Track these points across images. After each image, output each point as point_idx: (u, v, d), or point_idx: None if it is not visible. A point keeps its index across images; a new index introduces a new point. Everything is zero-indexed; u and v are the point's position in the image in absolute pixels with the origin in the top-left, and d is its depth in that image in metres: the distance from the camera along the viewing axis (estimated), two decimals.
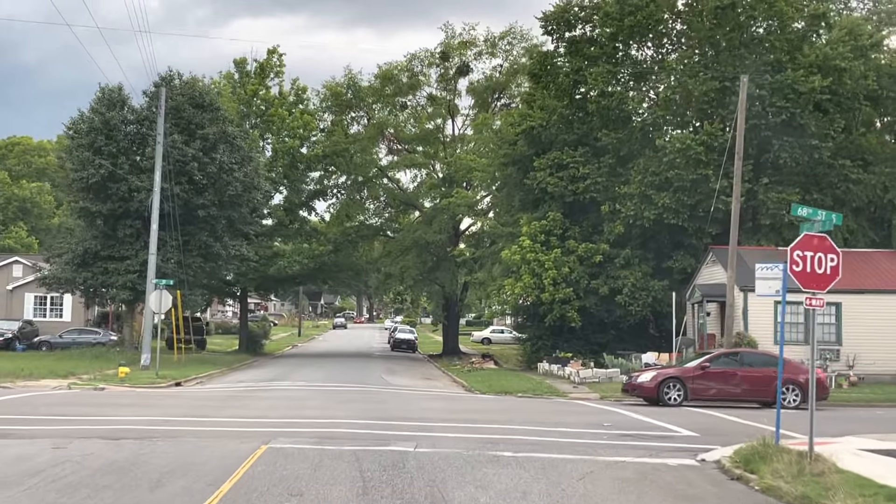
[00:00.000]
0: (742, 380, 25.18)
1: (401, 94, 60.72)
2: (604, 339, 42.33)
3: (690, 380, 25.13)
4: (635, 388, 25.92)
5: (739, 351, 26.11)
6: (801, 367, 25.62)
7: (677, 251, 41.14)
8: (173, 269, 42.40)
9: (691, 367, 25.43)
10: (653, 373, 25.92)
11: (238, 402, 23.47)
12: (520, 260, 41.40)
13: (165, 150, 41.57)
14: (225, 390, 29.12)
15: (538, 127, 43.24)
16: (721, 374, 25.24)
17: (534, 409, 23.79)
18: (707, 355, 26.03)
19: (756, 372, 25.12)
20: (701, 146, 38.07)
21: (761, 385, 24.74)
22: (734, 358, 25.85)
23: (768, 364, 24.99)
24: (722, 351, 26.15)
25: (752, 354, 26.29)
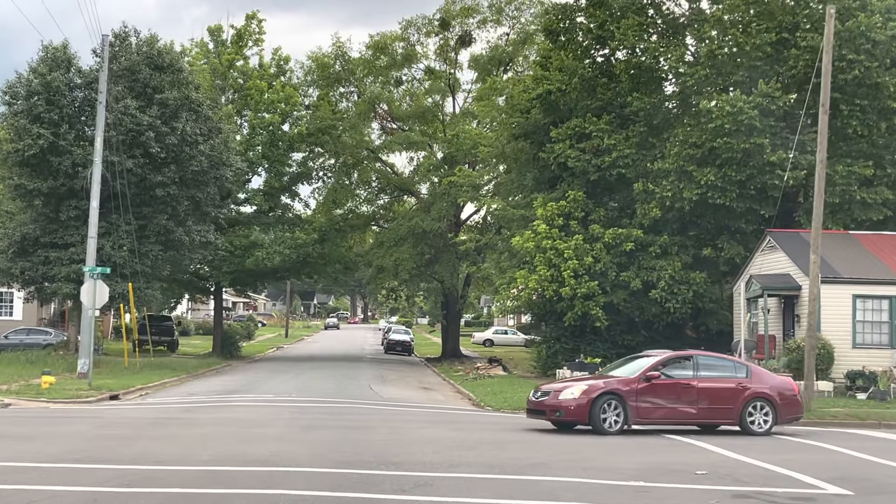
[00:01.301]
0: (700, 394, 18.20)
1: (395, 66, 54.19)
2: (633, 341, 35.82)
3: (633, 395, 17.70)
4: (554, 409, 17.79)
5: (692, 354, 19.41)
6: (772, 378, 19.45)
7: (722, 237, 34.70)
8: (126, 258, 35.87)
9: (633, 377, 18.04)
10: (580, 385, 17.94)
11: (164, 428, 16.95)
12: (534, 248, 34.92)
13: (116, 118, 35.12)
14: (164, 407, 22.61)
15: (556, 91, 36.73)
16: (672, 388, 18.03)
17: (569, 436, 17.29)
18: (655, 359, 18.63)
19: (716, 384, 18.41)
20: (755, 110, 31.60)
21: (723, 401, 18.34)
22: (686, 363, 18.75)
23: (731, 372, 19.01)
24: (671, 355, 19.04)
25: (709, 359, 19.34)
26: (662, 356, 18.89)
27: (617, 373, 18.89)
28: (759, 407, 18.45)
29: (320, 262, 52.54)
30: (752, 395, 18.33)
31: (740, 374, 18.80)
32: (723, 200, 32.69)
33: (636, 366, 18.75)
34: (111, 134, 34.58)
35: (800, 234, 31.05)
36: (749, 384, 18.44)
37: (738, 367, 19.13)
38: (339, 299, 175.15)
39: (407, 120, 53.95)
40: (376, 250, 51.73)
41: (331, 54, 52.71)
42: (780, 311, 30.14)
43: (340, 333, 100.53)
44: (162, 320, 53.49)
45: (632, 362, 19.44)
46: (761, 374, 19.25)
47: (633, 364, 19.11)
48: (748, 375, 18.74)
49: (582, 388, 17.62)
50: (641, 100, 35.53)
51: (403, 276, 49.70)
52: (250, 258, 47.68)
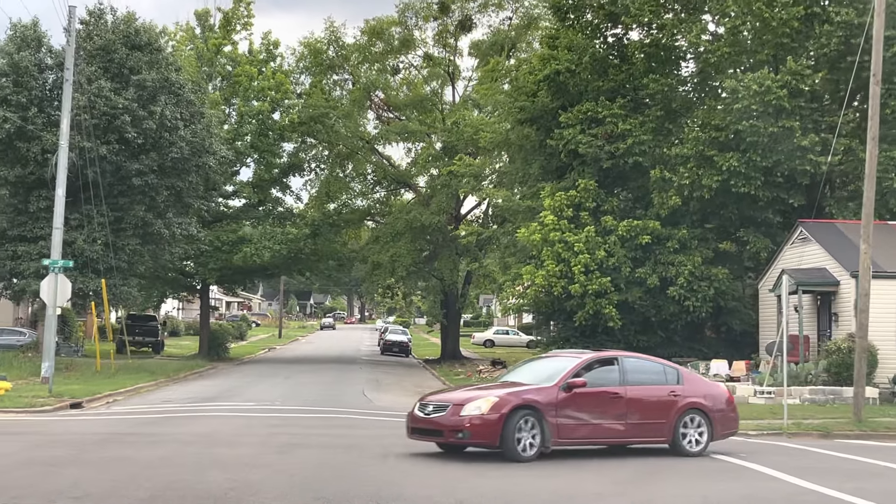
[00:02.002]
0: (629, 407, 14.48)
1: (392, 53, 51.44)
2: (649, 342, 32.99)
3: (552, 409, 13.71)
4: (455, 428, 13.45)
5: (617, 355, 15.39)
6: (705, 384, 16.04)
7: (747, 229, 31.96)
8: (100, 252, 33.12)
9: (550, 385, 14.00)
10: (487, 397, 13.70)
11: (111, 448, 14.18)
12: (541, 241, 32.15)
13: (89, 101, 32.37)
14: (127, 419, 19.87)
15: (565, 72, 33.95)
16: (597, 399, 14.23)
17: (601, 460, 14.55)
18: (575, 361, 14.69)
19: (647, 393, 14.78)
20: (783, 89, 28.89)
21: (655, 415, 14.72)
22: (611, 367, 14.85)
23: (661, 377, 15.25)
24: (593, 357, 15.04)
25: (635, 362, 15.45)
26: (584, 358, 14.86)
27: (523, 379, 14.72)
28: (693, 421, 14.93)
29: (313, 258, 49.74)
30: (685, 407, 14.85)
31: (671, 379, 15.24)
32: (747, 188, 30.01)
33: (548, 370, 14.67)
34: (83, 117, 31.85)
35: (835, 224, 28.41)
36: (681, 392, 15.00)
37: (669, 372, 15.47)
38: (336, 299, 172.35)
39: (404, 109, 51.17)
40: (372, 246, 48.92)
41: (324, 39, 49.96)
42: (815, 310, 27.45)
43: (336, 334, 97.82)
44: (146, 320, 50.84)
45: (536, 364, 15.71)
46: (693, 380, 15.77)
47: (543, 368, 15.05)
48: (679, 381, 15.24)
49: (491, 401, 13.45)
50: (658, 81, 32.82)
51: (400, 273, 46.91)
52: (238, 254, 44.87)
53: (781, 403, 22.50)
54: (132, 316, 51.35)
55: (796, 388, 23.81)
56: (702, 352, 32.75)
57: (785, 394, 20.68)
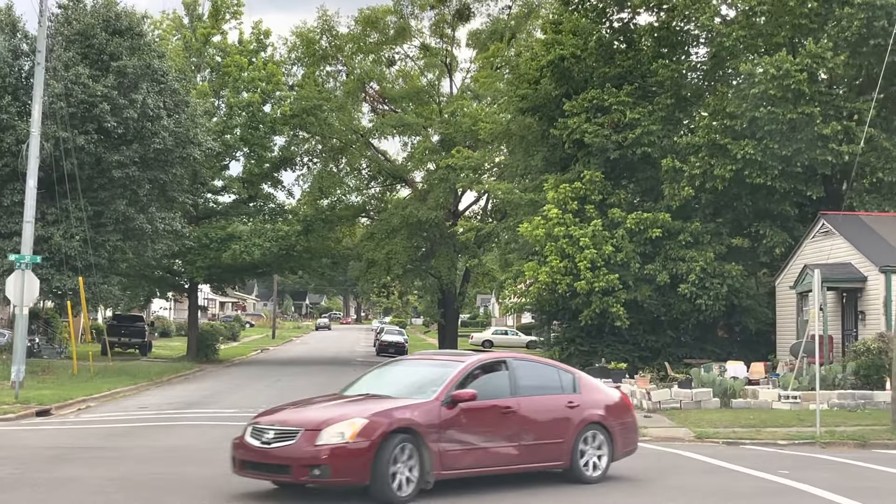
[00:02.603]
0: (523, 424, 11.46)
1: (387, 43, 49.70)
2: (658, 342, 31.38)
3: (434, 432, 10.59)
4: (309, 462, 9.98)
5: (506, 358, 12.29)
6: (603, 391, 13.00)
7: (762, 222, 30.22)
8: (78, 248, 31.29)
9: (428, 400, 10.85)
10: (353, 417, 10.29)
11: (61, 467, 12.38)
12: (544, 236, 30.40)
13: (66, 88, 30.55)
14: (93, 428, 18.06)
15: (570, 57, 32.18)
16: (487, 415, 11.18)
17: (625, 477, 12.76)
18: (458, 367, 11.44)
19: (543, 405, 11.83)
20: (803, 73, 27.14)
21: (552, 433, 11.73)
22: (500, 374, 11.84)
23: (556, 384, 12.30)
24: (478, 360, 11.86)
25: (526, 366, 12.38)
26: (468, 362, 11.63)
27: (384, 390, 11.36)
28: (593, 438, 12.08)
29: (305, 256, 47.93)
30: (585, 421, 12.01)
31: (567, 386, 12.36)
32: (762, 179, 28.27)
33: (418, 378, 11.52)
34: (59, 105, 30.04)
35: (860, 216, 26.69)
36: (579, 402, 12.13)
37: (564, 377, 12.55)
38: (332, 299, 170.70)
39: (400, 101, 49.40)
40: (366, 243, 47.08)
41: (316, 29, 48.19)
42: (839, 308, 25.68)
43: (332, 334, 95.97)
44: (133, 321, 48.99)
45: (398, 370, 12.41)
46: (590, 387, 12.72)
47: (409, 375, 11.90)
48: (576, 389, 12.38)
49: (358, 424, 10.06)
50: (667, 67, 31.10)
51: (396, 271, 45.10)
52: (227, 252, 43.04)
53: (809, 409, 20.79)
54: (118, 316, 49.60)
55: (824, 392, 22.03)
56: (714, 353, 31.01)
57: (818, 399, 18.93)
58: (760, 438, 18.00)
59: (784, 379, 23.06)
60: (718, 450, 16.62)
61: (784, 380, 22.92)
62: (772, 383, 24.01)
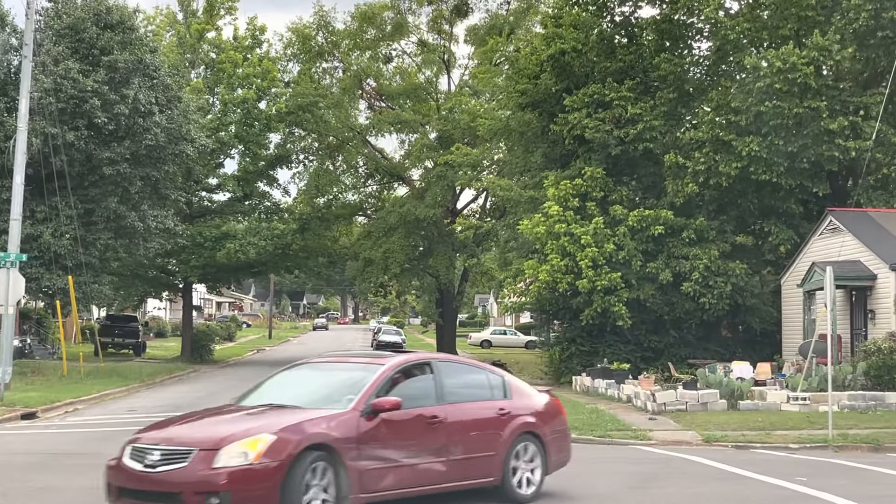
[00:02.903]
0: (451, 436, 10.02)
1: (384, 39, 49.00)
2: (661, 342, 30.71)
3: (352, 447, 9.07)
4: (206, 488, 8.35)
5: (430, 360, 10.79)
6: (534, 395, 11.38)
7: (767, 220, 29.59)
8: (68, 247, 30.60)
9: (344, 411, 9.30)
10: (259, 433, 8.68)
11: (38, 475, 11.75)
12: (545, 233, 29.74)
13: (55, 83, 29.85)
14: (78, 433, 17.45)
15: (570, 51, 31.51)
16: (410, 427, 9.77)
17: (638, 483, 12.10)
18: (378, 370, 9.89)
19: (472, 413, 10.38)
20: (809, 66, 26.50)
21: (483, 445, 10.24)
22: (424, 377, 10.39)
23: (485, 390, 10.88)
24: (400, 361, 10.26)
25: (452, 368, 10.99)
26: (389, 364, 10.01)
27: (289, 398, 9.79)
28: (525, 451, 10.59)
29: (301, 254, 47.26)
30: (518, 431, 10.52)
31: (497, 391, 10.93)
32: (768, 176, 27.62)
33: (330, 384, 10.02)
34: (48, 101, 29.37)
35: (868, 213, 26.08)
36: (511, 409, 10.66)
37: (493, 380, 11.09)
38: (330, 299, 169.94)
39: (397, 98, 48.70)
40: (363, 241, 46.38)
41: (312, 25, 47.48)
42: (848, 306, 25.04)
43: (329, 334, 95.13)
44: (127, 321, 48.31)
45: (305, 374, 10.63)
46: (520, 391, 11.25)
47: (318, 381, 10.33)
48: (507, 394, 10.94)
49: (264, 441, 8.52)
50: (670, 62, 30.46)
51: (394, 270, 44.39)
52: (221, 250, 42.36)
53: (819, 410, 20.18)
54: (111, 316, 48.98)
55: (834, 393, 21.40)
56: (718, 353, 30.37)
57: (830, 401, 18.30)
58: (771, 442, 17.38)
59: (793, 380, 22.42)
60: (728, 454, 15.98)
61: (793, 381, 22.28)
62: (779, 384, 23.36)
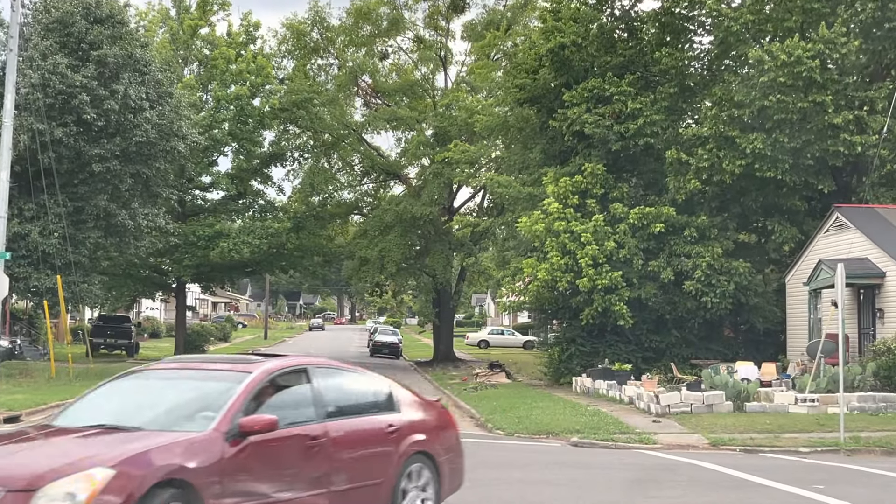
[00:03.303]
0: (332, 461, 8.02)
1: (380, 35, 48.34)
2: (662, 342, 30.14)
3: (215, 480, 6.98)
4: None
5: (306, 366, 8.59)
6: (425, 407, 9.58)
7: (770, 217, 28.99)
8: (57, 246, 29.92)
9: (205, 432, 7.18)
10: (95, 466, 6.38)
11: None
12: (544, 231, 29.11)
13: (43, 78, 29.17)
14: None
15: (570, 45, 30.90)
16: (286, 451, 7.67)
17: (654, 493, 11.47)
18: (247, 381, 7.74)
19: (357, 432, 8.49)
20: (814, 59, 25.89)
21: (369, 472, 8.38)
22: (300, 387, 8.35)
23: (371, 401, 9.04)
24: (270, 368, 8.05)
25: (332, 374, 8.81)
26: (257, 373, 7.95)
27: (125, 417, 7.67)
28: (418, 475, 8.86)
29: (296, 254, 46.55)
30: (409, 451, 8.78)
31: (384, 403, 9.08)
32: (773, 173, 26.97)
33: (184, 398, 7.95)
34: (36, 96, 28.71)
35: (875, 209, 25.48)
36: (401, 425, 8.87)
37: (379, 389, 9.19)
38: (326, 299, 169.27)
39: (393, 95, 48.05)
40: (359, 240, 45.71)
41: (307, 20, 46.80)
42: (855, 305, 24.43)
43: (325, 335, 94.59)
44: (119, 321, 47.61)
45: (143, 384, 8.52)
46: (409, 401, 9.38)
47: (164, 392, 8.19)
48: (395, 406, 9.08)
49: (102, 477, 6.34)
50: (672, 56, 29.87)
51: (390, 269, 43.72)
52: (215, 250, 41.67)
53: (828, 412, 19.62)
54: (103, 317, 48.31)
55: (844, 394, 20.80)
56: (721, 353, 29.80)
57: (841, 402, 17.70)
58: (780, 445, 16.78)
59: (800, 381, 21.82)
60: (738, 459, 15.36)
61: (800, 381, 21.68)
62: (785, 385, 22.79)
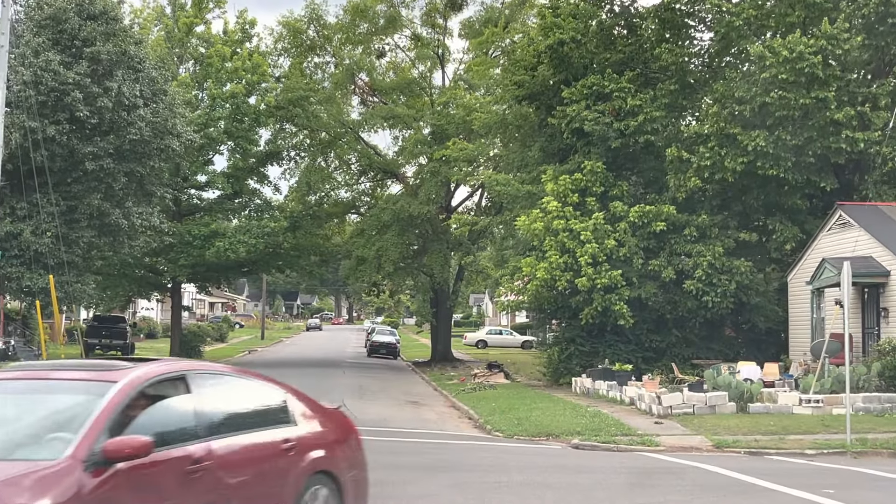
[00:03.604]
0: (219, 490, 6.41)
1: (377, 33, 47.97)
2: (663, 342, 29.80)
3: None
4: None
5: (184, 371, 6.84)
6: (325, 417, 8.05)
7: (772, 216, 28.66)
8: (49, 245, 29.54)
9: (54, 462, 5.40)
10: None
11: None
12: (543, 229, 28.76)
13: (35, 75, 28.77)
14: None
15: (569, 42, 30.54)
16: (163, 479, 5.96)
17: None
18: (111, 393, 5.99)
19: (247, 449, 6.86)
20: (817, 55, 25.55)
21: (262, 499, 6.80)
22: (178, 399, 6.60)
23: (263, 414, 7.48)
24: (141, 376, 6.33)
25: (219, 384, 7.17)
26: (124, 382, 6.18)
27: None
28: (314, 498, 7.37)
29: (293, 253, 46.21)
30: (307, 472, 7.38)
31: (279, 415, 7.63)
32: (775, 171, 26.63)
33: (28, 414, 6.22)
34: (28, 94, 28.29)
35: (879, 207, 25.13)
36: (299, 441, 7.45)
37: (272, 398, 7.74)
38: (324, 300, 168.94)
39: (391, 93, 47.68)
40: (356, 239, 45.34)
41: (304, 18, 46.40)
42: (859, 304, 24.08)
43: (322, 335, 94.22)
44: (114, 322, 47.14)
45: None
46: (307, 412, 7.90)
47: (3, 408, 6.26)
48: (292, 419, 7.66)
49: None
50: (672, 52, 29.52)
51: (387, 269, 43.34)
52: (211, 249, 41.31)
53: (833, 413, 19.27)
54: (98, 317, 47.85)
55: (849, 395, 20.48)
56: (722, 352, 29.48)
57: (847, 403, 17.33)
58: (786, 448, 16.42)
59: (803, 381, 21.48)
60: (743, 462, 15.01)
61: (804, 382, 21.34)
62: (788, 385, 22.45)
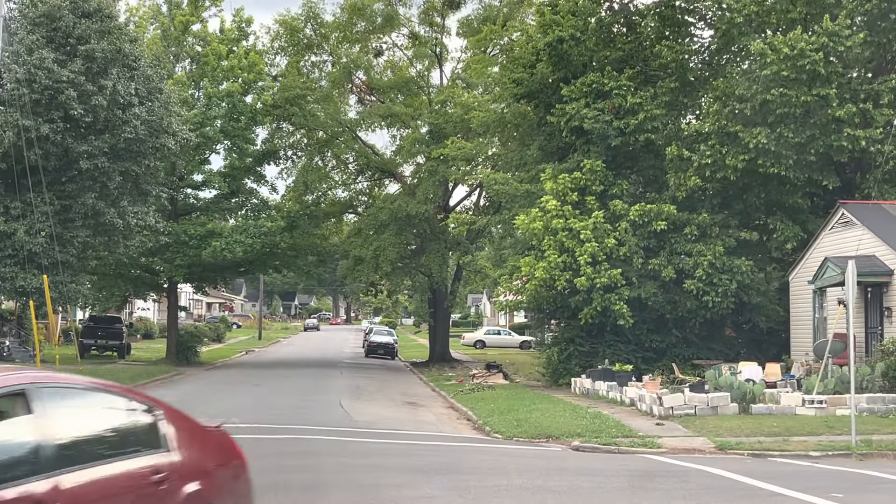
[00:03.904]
0: None
1: (374, 32, 47.64)
2: (663, 342, 29.53)
3: None
4: None
5: (24, 386, 4.96)
6: (208, 438, 6.89)
7: (773, 215, 28.42)
8: (44, 244, 29.22)
9: None
10: None
11: None
12: (542, 229, 28.49)
13: (29, 73, 28.48)
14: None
15: (569, 39, 30.25)
16: None
17: None
18: None
19: (104, 488, 5.28)
20: (819, 52, 25.28)
21: None
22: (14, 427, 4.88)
23: (123, 437, 5.88)
24: None
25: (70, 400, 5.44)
26: None
27: None
28: None
29: (290, 253, 45.88)
30: (166, 497, 5.84)
31: (145, 436, 6.05)
32: (776, 169, 26.37)
33: None
34: (21, 92, 28.00)
35: (882, 206, 24.88)
36: (171, 471, 5.95)
37: (137, 417, 6.05)
38: (321, 300, 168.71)
39: (388, 92, 47.36)
40: (353, 239, 45.03)
41: (300, 16, 46.09)
42: (862, 304, 23.80)
43: (320, 335, 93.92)
44: (110, 322, 46.87)
45: None
46: (183, 432, 6.37)
47: None
48: (163, 443, 6.10)
49: None
50: (672, 49, 29.25)
51: (385, 269, 43.02)
52: (207, 249, 40.97)
53: (836, 414, 19.03)
54: (94, 318, 47.58)
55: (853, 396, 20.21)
56: (723, 353, 29.25)
57: (853, 404, 17.08)
58: (790, 449, 16.15)
59: (806, 381, 21.21)
60: (747, 464, 14.74)
61: (807, 382, 21.07)
62: (790, 386, 22.19)
